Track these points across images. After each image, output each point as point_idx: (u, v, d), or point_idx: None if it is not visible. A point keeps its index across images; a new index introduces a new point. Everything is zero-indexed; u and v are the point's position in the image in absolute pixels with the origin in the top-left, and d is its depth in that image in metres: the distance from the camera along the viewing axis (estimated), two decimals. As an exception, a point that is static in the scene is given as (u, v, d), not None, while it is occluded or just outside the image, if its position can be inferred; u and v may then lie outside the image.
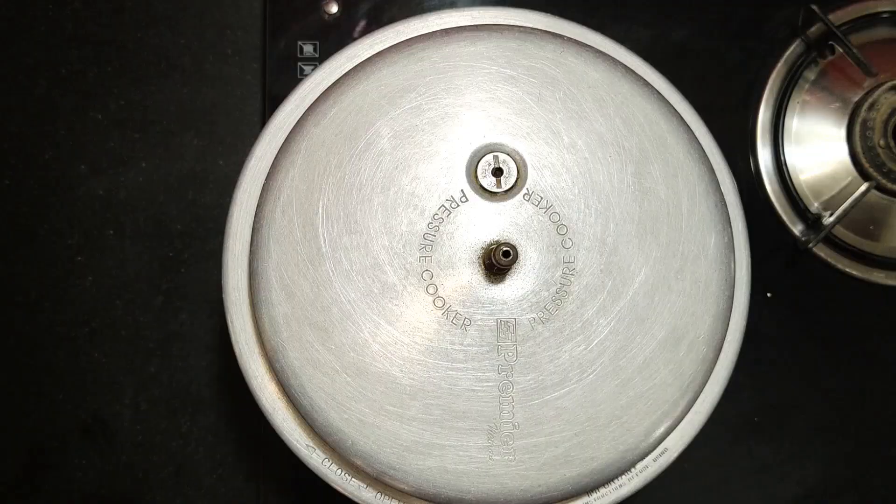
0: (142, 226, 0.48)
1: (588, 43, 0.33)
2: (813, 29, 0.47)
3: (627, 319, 0.31)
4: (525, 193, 0.31)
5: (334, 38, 0.47)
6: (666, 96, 0.33)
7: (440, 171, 0.31)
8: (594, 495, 0.32)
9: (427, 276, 0.31)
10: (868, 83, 0.46)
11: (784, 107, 0.47)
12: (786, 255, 0.47)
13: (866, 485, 0.47)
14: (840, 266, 0.47)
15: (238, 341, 0.32)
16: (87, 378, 0.47)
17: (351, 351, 0.30)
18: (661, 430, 0.31)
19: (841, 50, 0.46)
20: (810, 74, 0.47)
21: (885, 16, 0.48)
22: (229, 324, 0.32)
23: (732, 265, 0.32)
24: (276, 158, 0.32)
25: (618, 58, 0.33)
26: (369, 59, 0.32)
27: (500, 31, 0.32)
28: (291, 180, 0.31)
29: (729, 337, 0.33)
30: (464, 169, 0.31)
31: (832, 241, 0.47)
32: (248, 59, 0.49)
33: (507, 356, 0.30)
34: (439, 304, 0.30)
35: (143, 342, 0.47)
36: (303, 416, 0.31)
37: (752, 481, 0.47)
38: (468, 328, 0.31)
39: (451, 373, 0.30)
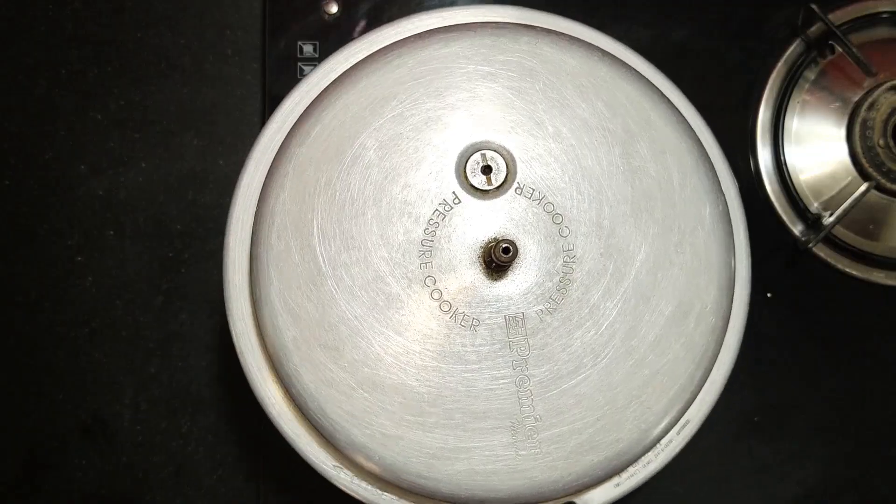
0: (142, 226, 0.48)
1: (562, 31, 0.33)
2: (813, 29, 0.47)
3: (633, 299, 0.31)
4: (516, 187, 0.31)
5: (334, 38, 0.47)
6: (646, 75, 0.33)
7: (430, 175, 0.31)
8: (623, 475, 0.32)
9: (430, 282, 0.31)
10: (868, 83, 0.46)
11: (784, 107, 0.47)
12: (786, 255, 0.47)
13: (866, 485, 0.47)
14: (840, 266, 0.47)
15: (250, 371, 0.32)
16: (87, 378, 0.47)
17: (364, 366, 0.30)
18: (681, 403, 0.31)
19: (841, 50, 0.46)
20: (810, 74, 0.47)
21: (885, 16, 0.48)
22: (239, 354, 0.32)
23: (731, 233, 0.32)
24: (265, 183, 0.32)
25: (594, 42, 0.33)
26: (346, 72, 0.32)
27: (474, 29, 0.32)
28: (283, 204, 0.31)
29: (735, 303, 0.33)
30: (453, 171, 0.31)
31: (832, 241, 0.47)
32: (248, 59, 0.49)
33: (519, 351, 0.30)
34: (445, 308, 0.30)
35: (143, 342, 0.47)
36: (325, 438, 0.31)
37: (752, 481, 0.47)
38: (477, 328, 0.30)
39: (466, 375, 0.30)
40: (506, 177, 0.31)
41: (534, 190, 0.31)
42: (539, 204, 0.31)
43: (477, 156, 0.31)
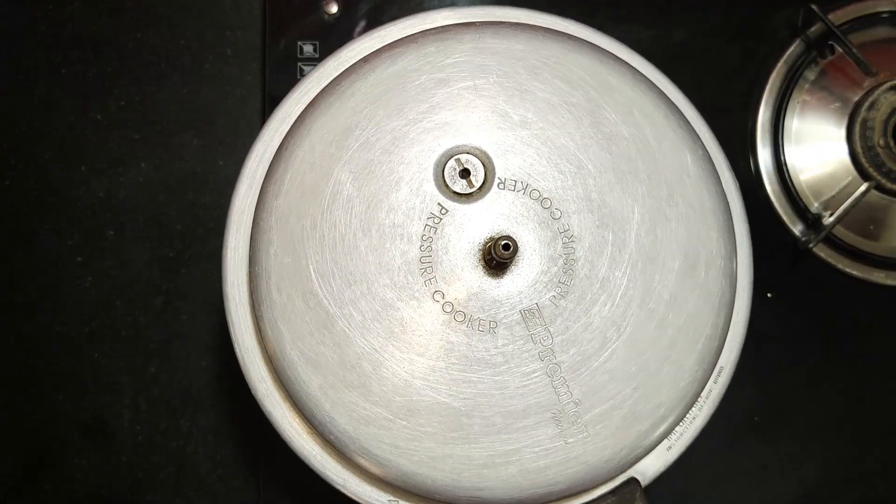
0: (142, 226, 0.48)
1: (501, 20, 0.33)
2: (813, 29, 0.47)
3: (640, 263, 0.31)
4: (498, 183, 0.31)
5: (334, 38, 0.47)
6: (594, 42, 0.33)
7: (411, 193, 0.31)
8: (673, 437, 0.33)
9: (438, 297, 0.30)
10: (868, 83, 0.46)
11: (784, 107, 0.47)
12: (786, 255, 0.47)
13: (866, 485, 0.47)
14: (840, 266, 0.47)
15: (285, 430, 0.32)
16: (87, 378, 0.47)
17: (395, 396, 0.30)
18: (711, 352, 0.31)
19: (841, 50, 0.46)
20: (810, 74, 0.47)
21: (885, 16, 0.48)
22: (270, 417, 0.32)
23: (716, 175, 0.32)
24: (251, 241, 0.31)
25: (534, 23, 0.33)
26: (303, 112, 0.32)
27: (415, 40, 0.32)
28: (274, 257, 0.31)
29: (738, 240, 0.33)
30: (432, 183, 0.31)
31: (832, 241, 0.47)
32: (248, 59, 0.49)
33: (542, 341, 0.30)
34: (460, 318, 0.30)
35: (143, 342, 0.47)
36: (374, 476, 0.31)
37: (752, 481, 0.47)
38: (496, 330, 0.30)
39: (497, 378, 0.30)
40: (485, 175, 0.31)
41: (516, 181, 0.31)
42: (524, 193, 0.31)
43: (452, 162, 0.31)
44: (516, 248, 0.29)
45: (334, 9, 0.47)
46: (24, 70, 0.48)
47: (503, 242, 0.29)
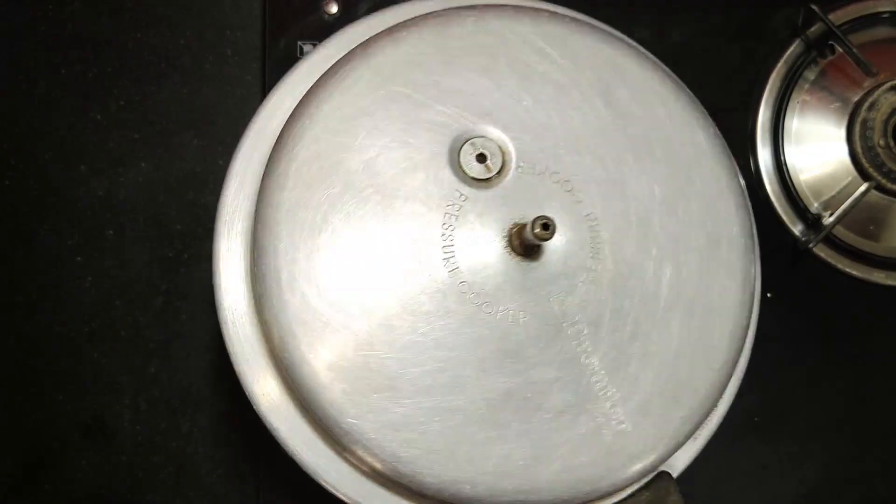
0: (142, 226, 0.48)
1: (503, 3, 0.32)
2: (813, 29, 0.47)
3: (667, 243, 0.30)
4: (518, 167, 0.30)
5: (334, 38, 0.47)
6: (596, 25, 0.33)
7: (427, 181, 0.29)
8: (703, 430, 0.32)
9: (465, 288, 0.29)
10: (868, 83, 0.46)
11: (784, 107, 0.47)
12: (786, 255, 0.47)
13: (866, 485, 0.47)
14: (840, 266, 0.47)
15: (298, 452, 0.29)
16: (87, 378, 0.47)
17: (427, 397, 0.28)
18: (740, 332, 0.30)
19: (841, 50, 0.46)
20: (810, 74, 0.47)
21: (885, 16, 0.48)
22: (277, 436, 0.29)
23: (728, 154, 0.32)
24: (254, 240, 0.29)
25: (537, 6, 0.33)
26: (301, 101, 0.30)
27: (416, 24, 0.31)
28: (284, 254, 0.28)
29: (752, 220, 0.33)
30: (449, 169, 0.29)
31: (832, 241, 0.47)
32: (248, 59, 0.49)
33: (576, 329, 0.29)
34: (488, 310, 0.29)
35: (143, 342, 0.47)
36: (411, 488, 0.28)
37: (752, 481, 0.47)
38: (527, 320, 0.29)
39: (531, 372, 0.28)
40: (503, 159, 0.30)
41: (535, 164, 0.30)
42: (546, 176, 0.30)
43: (467, 146, 0.29)
44: (555, 228, 0.27)
45: (334, 9, 0.47)
46: (24, 70, 0.48)
47: (542, 222, 0.27)
